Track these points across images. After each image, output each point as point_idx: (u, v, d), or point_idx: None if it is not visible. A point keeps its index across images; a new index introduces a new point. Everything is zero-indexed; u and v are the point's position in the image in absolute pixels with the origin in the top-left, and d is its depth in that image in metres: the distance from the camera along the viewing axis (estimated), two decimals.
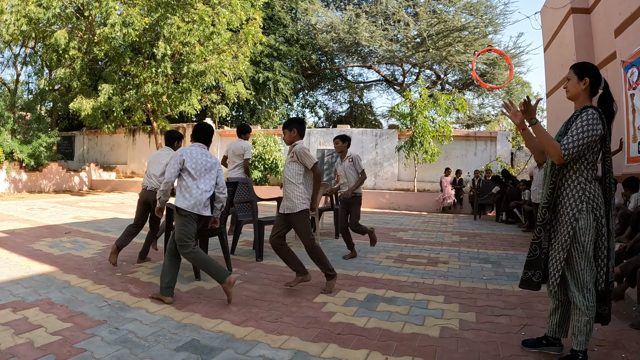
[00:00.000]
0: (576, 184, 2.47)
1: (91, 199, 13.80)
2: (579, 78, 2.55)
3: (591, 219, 2.41)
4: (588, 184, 2.44)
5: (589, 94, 2.55)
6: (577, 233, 2.42)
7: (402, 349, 2.77)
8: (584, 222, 2.41)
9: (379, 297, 3.86)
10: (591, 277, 2.45)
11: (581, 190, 2.44)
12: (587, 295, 2.44)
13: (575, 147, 2.38)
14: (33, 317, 3.15)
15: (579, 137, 2.37)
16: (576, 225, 2.42)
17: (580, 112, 2.47)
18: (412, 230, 8.36)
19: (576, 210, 2.43)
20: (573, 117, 2.50)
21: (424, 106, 13.27)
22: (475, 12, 20.63)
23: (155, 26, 13.49)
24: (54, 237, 6.58)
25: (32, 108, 16.35)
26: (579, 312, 2.45)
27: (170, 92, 13.49)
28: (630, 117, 5.75)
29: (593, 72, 2.54)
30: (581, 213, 2.41)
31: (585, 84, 2.52)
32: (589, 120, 2.38)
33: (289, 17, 21.79)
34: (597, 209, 2.43)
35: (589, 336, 2.46)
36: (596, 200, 2.43)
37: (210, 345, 2.75)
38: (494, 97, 25.13)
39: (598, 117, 2.40)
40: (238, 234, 5.79)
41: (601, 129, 2.39)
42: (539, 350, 2.73)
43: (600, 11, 7.53)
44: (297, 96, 25.46)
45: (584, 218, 2.41)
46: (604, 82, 2.54)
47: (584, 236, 2.41)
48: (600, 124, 2.40)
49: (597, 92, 2.55)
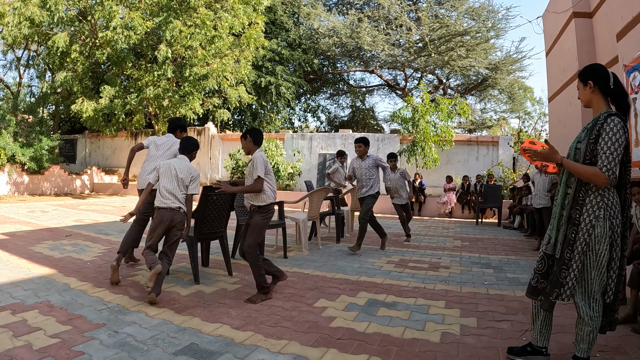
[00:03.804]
0: (595, 189, 2.36)
1: (92, 202, 13.81)
2: (584, 84, 2.48)
3: (607, 227, 2.31)
4: (607, 191, 2.35)
5: (602, 95, 2.44)
6: (593, 241, 2.33)
7: (403, 354, 2.75)
8: (600, 230, 2.31)
9: (380, 302, 3.84)
10: (600, 287, 2.37)
11: (599, 196, 2.34)
12: (593, 305, 2.37)
13: (616, 163, 2.26)
14: (32, 319, 3.14)
15: (613, 153, 2.26)
16: (592, 233, 2.32)
17: (604, 120, 2.33)
18: (414, 235, 8.32)
19: (593, 217, 2.33)
20: (597, 125, 2.35)
21: (426, 111, 13.28)
22: (477, 17, 20.68)
23: (157, 30, 13.57)
24: (55, 239, 6.57)
25: (35, 111, 16.41)
26: (582, 321, 2.38)
27: (171, 95, 13.52)
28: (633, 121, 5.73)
29: (595, 72, 2.45)
30: (598, 220, 2.32)
31: (591, 87, 2.44)
32: (617, 131, 2.27)
33: (291, 22, 21.87)
34: (614, 217, 2.33)
35: (591, 345, 2.40)
36: (614, 208, 2.34)
37: (210, 349, 2.73)
38: (496, 102, 25.14)
39: (623, 125, 2.29)
40: (239, 237, 5.77)
41: (626, 139, 2.28)
42: (524, 358, 2.64)
43: (602, 15, 7.52)
44: (299, 100, 25.52)
45: (600, 225, 2.31)
46: (612, 77, 2.41)
47: (599, 244, 2.32)
48: (625, 133, 2.28)
49: (609, 89, 2.41)
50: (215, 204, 4.41)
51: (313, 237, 7.08)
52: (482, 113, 26.06)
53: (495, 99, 24.76)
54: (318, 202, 6.49)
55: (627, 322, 3.30)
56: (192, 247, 4.35)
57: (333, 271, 5.02)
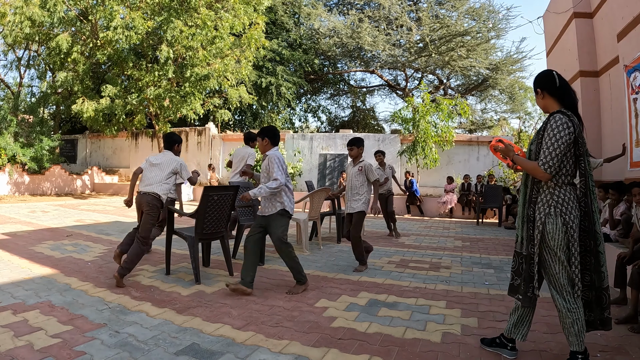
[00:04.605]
0: (545, 188, 2.49)
1: (93, 202, 13.82)
2: (535, 93, 2.63)
3: (560, 223, 2.41)
4: (558, 188, 2.46)
5: (552, 98, 2.55)
6: (546, 237, 2.45)
7: (404, 354, 2.75)
8: (551, 227, 2.43)
9: (381, 302, 3.84)
10: (567, 280, 2.46)
11: (549, 194, 2.47)
12: (567, 297, 2.45)
13: (554, 158, 2.38)
14: (33, 319, 3.14)
15: (553, 147, 2.38)
16: (544, 230, 2.45)
17: (547, 119, 2.49)
18: (415, 235, 8.33)
19: (543, 214, 2.46)
20: (542, 126, 2.51)
21: (427, 111, 13.26)
22: (478, 17, 20.66)
23: (158, 30, 13.57)
24: (56, 240, 6.58)
25: (35, 111, 16.41)
26: (561, 314, 2.48)
27: (172, 96, 13.53)
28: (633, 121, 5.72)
29: (541, 80, 2.58)
30: (548, 217, 2.44)
31: (540, 94, 2.58)
32: (557, 126, 2.38)
33: (292, 22, 21.86)
34: (566, 214, 2.42)
35: (580, 336, 2.45)
36: (565, 204, 2.43)
37: (211, 350, 2.73)
38: (497, 102, 25.11)
39: (566, 120, 2.39)
40: (240, 237, 5.77)
41: (572, 132, 2.38)
42: (492, 349, 2.77)
43: (602, 16, 7.52)
44: (299, 101, 25.50)
45: (551, 222, 2.43)
46: (557, 77, 2.54)
47: (553, 240, 2.42)
48: (570, 127, 2.38)
49: (557, 90, 2.53)
50: (216, 204, 4.41)
51: (314, 237, 7.09)
52: (483, 113, 26.03)
53: (496, 99, 24.72)
54: (319, 203, 6.49)
55: (627, 322, 3.30)
56: (193, 247, 4.35)
57: (334, 271, 5.02)
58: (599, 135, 7.71)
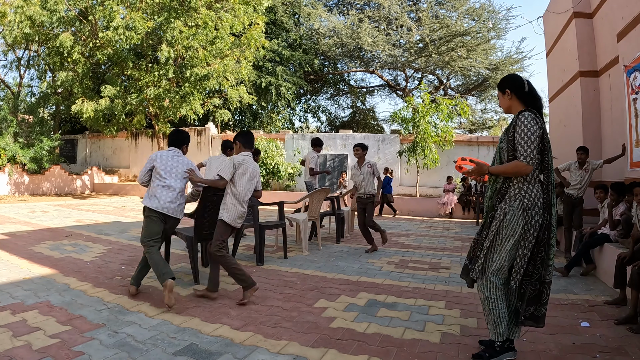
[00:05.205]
0: (515, 182, 2.57)
1: (93, 202, 13.82)
2: (502, 93, 2.72)
3: (520, 217, 2.50)
4: (527, 184, 2.54)
5: (519, 101, 2.66)
6: (502, 225, 2.55)
7: (403, 354, 2.74)
8: (510, 217, 2.51)
9: (380, 303, 3.84)
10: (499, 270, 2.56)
11: (518, 189, 2.55)
12: (490, 287, 2.56)
13: (533, 150, 2.48)
14: (32, 319, 3.14)
15: (528, 141, 2.48)
16: (504, 219, 2.54)
17: (515, 118, 2.58)
18: (414, 236, 8.33)
19: (507, 206, 2.55)
20: (511, 125, 2.60)
21: (427, 111, 13.27)
22: (478, 17, 20.66)
23: (158, 30, 13.57)
24: (55, 240, 6.58)
25: (35, 111, 16.41)
26: (481, 302, 2.63)
27: (172, 96, 13.53)
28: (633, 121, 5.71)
29: (511, 82, 2.69)
30: (511, 209, 2.52)
31: (509, 95, 2.68)
32: (529, 122, 2.50)
33: (291, 22, 21.87)
34: (530, 209, 2.50)
35: (497, 327, 2.54)
36: (531, 199, 2.51)
37: (209, 350, 2.73)
38: (497, 102, 25.09)
39: (533, 117, 2.52)
40: (239, 238, 5.77)
41: (539, 128, 2.51)
42: None
43: (602, 16, 7.52)
44: (299, 101, 25.52)
45: (512, 214, 2.51)
46: (527, 83, 2.65)
47: (506, 229, 2.52)
48: (538, 122, 2.52)
49: (524, 94, 2.64)
50: (215, 204, 4.40)
51: (313, 237, 7.08)
52: (483, 113, 26.05)
53: (496, 99, 24.71)
54: (318, 203, 6.48)
55: (627, 322, 3.29)
56: (192, 247, 4.35)
57: (333, 272, 5.02)
58: (599, 135, 7.71)
